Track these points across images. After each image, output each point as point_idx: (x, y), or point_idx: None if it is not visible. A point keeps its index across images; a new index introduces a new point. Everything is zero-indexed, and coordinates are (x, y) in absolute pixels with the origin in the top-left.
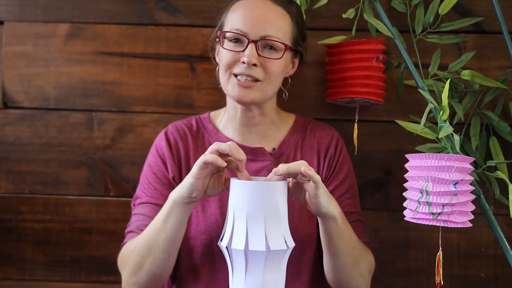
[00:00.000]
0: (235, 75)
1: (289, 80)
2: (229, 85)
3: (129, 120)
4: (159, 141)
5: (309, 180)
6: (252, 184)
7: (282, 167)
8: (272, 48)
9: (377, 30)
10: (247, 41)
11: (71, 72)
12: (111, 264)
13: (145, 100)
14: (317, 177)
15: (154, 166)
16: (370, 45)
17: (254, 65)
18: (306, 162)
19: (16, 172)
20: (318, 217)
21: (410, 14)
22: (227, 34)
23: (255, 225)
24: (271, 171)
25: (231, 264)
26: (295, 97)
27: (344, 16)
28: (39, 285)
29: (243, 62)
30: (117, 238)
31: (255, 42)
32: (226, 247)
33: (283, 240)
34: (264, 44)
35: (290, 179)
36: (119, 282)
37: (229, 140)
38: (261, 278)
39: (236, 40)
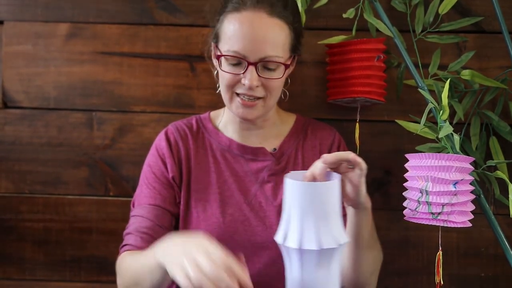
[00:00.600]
0: (238, 94)
1: (289, 80)
2: (233, 105)
3: (129, 120)
4: (159, 141)
5: (354, 167)
6: (308, 185)
7: (330, 156)
8: (272, 67)
9: (377, 30)
10: (246, 63)
11: (71, 72)
12: (111, 263)
13: (145, 100)
14: (365, 165)
15: (154, 165)
16: (371, 45)
17: (256, 86)
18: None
19: (16, 171)
20: (353, 208)
21: (410, 14)
22: (226, 57)
23: (324, 223)
24: (272, 170)
25: (300, 262)
26: (295, 97)
27: (344, 16)
28: (39, 284)
29: (244, 84)
30: (117, 238)
31: (254, 64)
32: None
33: (345, 237)
34: (264, 64)
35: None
36: None
37: (230, 139)
38: (329, 272)
39: (236, 62)
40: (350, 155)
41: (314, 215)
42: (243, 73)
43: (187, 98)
